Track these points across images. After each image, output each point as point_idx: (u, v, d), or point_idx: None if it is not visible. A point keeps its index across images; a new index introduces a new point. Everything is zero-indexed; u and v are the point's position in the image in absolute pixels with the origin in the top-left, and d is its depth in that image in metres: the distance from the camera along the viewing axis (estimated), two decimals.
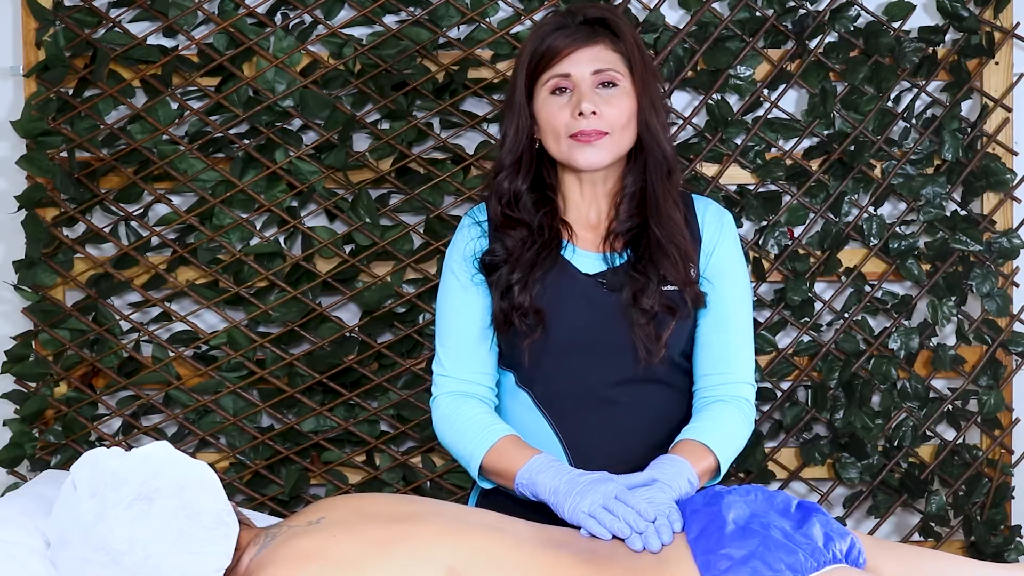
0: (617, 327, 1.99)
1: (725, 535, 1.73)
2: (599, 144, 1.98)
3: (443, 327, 2.10)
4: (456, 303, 2.09)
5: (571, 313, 2.01)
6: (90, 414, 2.84)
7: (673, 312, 1.99)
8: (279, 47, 2.79)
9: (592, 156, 1.99)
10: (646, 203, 2.03)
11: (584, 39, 1.99)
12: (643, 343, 1.98)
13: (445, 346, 2.09)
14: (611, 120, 1.98)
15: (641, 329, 1.98)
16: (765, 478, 2.84)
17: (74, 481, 1.76)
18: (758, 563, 1.68)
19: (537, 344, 2.00)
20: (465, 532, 1.75)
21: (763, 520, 1.75)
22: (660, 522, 1.78)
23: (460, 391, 2.07)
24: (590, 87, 1.98)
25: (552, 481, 1.89)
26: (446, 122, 2.82)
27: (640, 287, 1.99)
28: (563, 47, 1.99)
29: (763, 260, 2.83)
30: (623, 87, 2.00)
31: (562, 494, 1.87)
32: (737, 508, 1.78)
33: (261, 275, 2.81)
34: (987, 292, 2.81)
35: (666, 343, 1.99)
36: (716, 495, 1.82)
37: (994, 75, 2.83)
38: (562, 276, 2.03)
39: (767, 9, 2.80)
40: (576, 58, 1.99)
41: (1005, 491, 2.85)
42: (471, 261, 2.08)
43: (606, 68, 1.99)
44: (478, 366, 2.08)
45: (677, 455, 1.95)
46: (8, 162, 2.86)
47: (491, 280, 2.05)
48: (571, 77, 1.99)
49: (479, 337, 2.07)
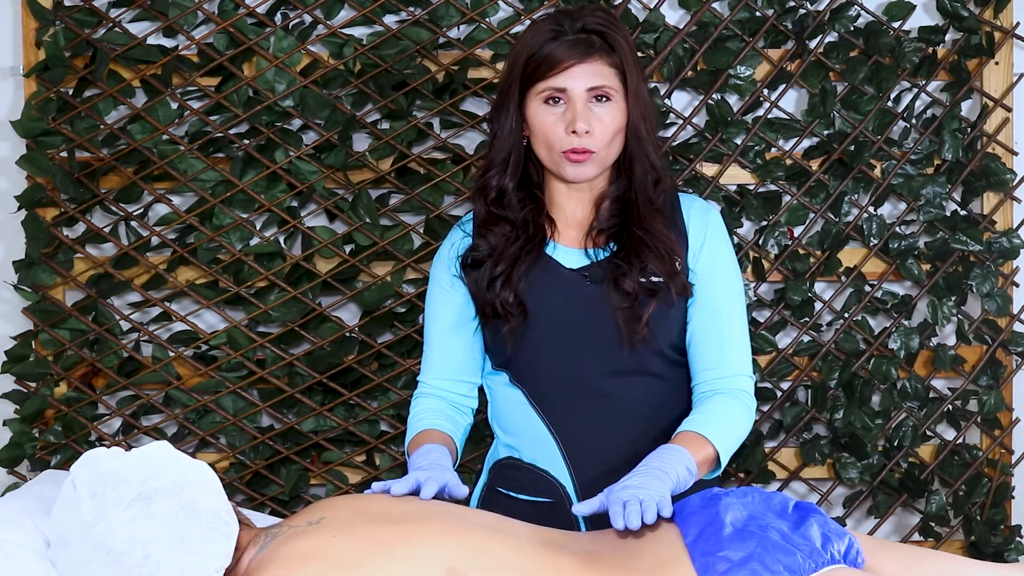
0: (601, 317, 2.00)
1: (723, 537, 1.74)
2: (588, 162, 2.01)
3: (424, 334, 2.17)
4: (434, 310, 2.14)
5: (555, 306, 2.02)
6: (90, 414, 2.84)
7: (654, 294, 2.00)
8: (279, 47, 2.79)
9: (580, 172, 2.02)
10: (629, 207, 2.04)
11: (581, 54, 1.99)
12: (624, 325, 1.99)
13: (426, 353, 2.16)
14: (600, 138, 2.00)
15: (622, 312, 1.99)
16: (765, 478, 2.84)
17: (74, 481, 1.76)
18: (756, 565, 1.68)
19: (522, 337, 2.02)
20: (465, 532, 1.75)
21: (761, 522, 1.75)
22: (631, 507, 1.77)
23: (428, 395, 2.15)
24: (584, 103, 1.99)
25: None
26: (446, 122, 2.82)
27: (621, 272, 2.01)
28: (560, 60, 1.99)
29: (763, 260, 2.83)
30: (615, 101, 2.01)
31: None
32: (735, 510, 1.78)
33: (261, 275, 2.81)
34: (987, 292, 2.81)
35: (648, 324, 1.99)
36: (714, 497, 1.82)
37: (994, 75, 2.83)
38: (545, 271, 2.04)
39: (767, 9, 2.80)
40: (573, 73, 1.99)
41: (1005, 491, 2.85)
42: (454, 263, 2.10)
43: (601, 84, 2.00)
44: (453, 372, 2.13)
45: (676, 444, 1.95)
46: (8, 162, 2.86)
47: (474, 276, 2.06)
48: (567, 92, 2.00)
49: (457, 343, 2.12)
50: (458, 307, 2.11)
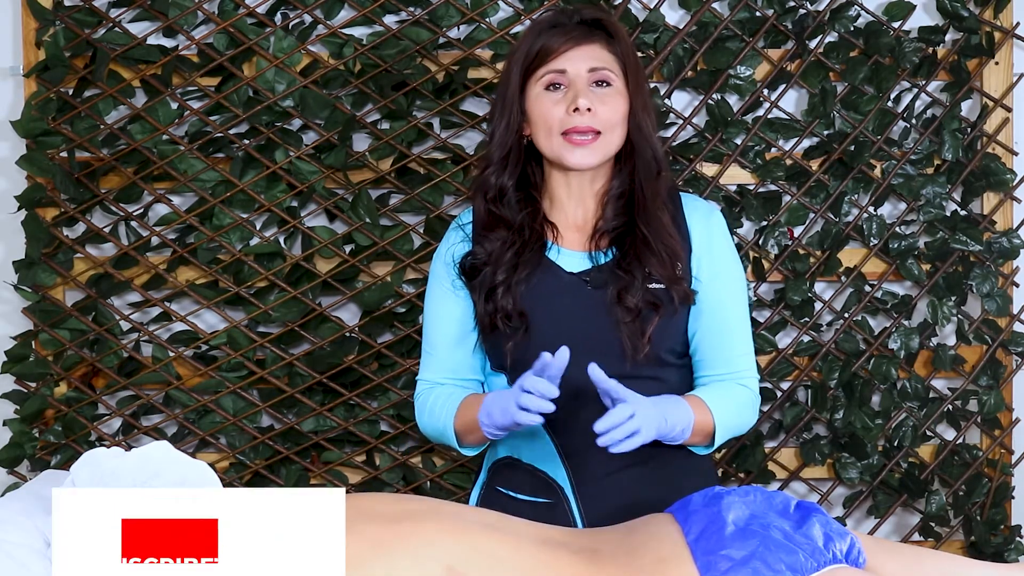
0: (602, 324, 2.00)
1: (725, 536, 1.73)
2: (591, 146, 2.00)
3: (426, 332, 2.14)
4: (437, 308, 2.12)
5: (556, 312, 2.02)
6: (90, 414, 2.84)
7: (657, 308, 2.00)
8: (279, 47, 2.79)
9: (582, 157, 2.00)
10: (634, 203, 2.04)
11: (580, 37, 2.01)
12: (628, 340, 1.99)
13: (427, 352, 2.13)
14: (604, 119, 2.00)
15: (626, 327, 1.99)
16: (765, 478, 2.84)
17: (74, 481, 1.75)
18: (758, 564, 1.68)
19: (522, 345, 2.01)
20: (464, 531, 1.75)
21: (763, 521, 1.75)
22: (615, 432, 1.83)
23: (437, 384, 2.12)
24: (585, 84, 1.99)
25: (501, 397, 1.94)
26: (446, 122, 2.82)
27: (624, 285, 2.00)
28: (559, 44, 2.00)
29: (763, 260, 2.83)
30: (617, 87, 2.01)
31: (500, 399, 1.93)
32: (736, 509, 1.78)
33: (261, 275, 2.81)
34: (987, 292, 2.81)
35: (651, 339, 2.00)
36: (715, 496, 1.82)
37: (994, 75, 2.83)
38: (546, 276, 2.04)
39: (767, 9, 2.80)
40: (572, 55, 2.00)
41: (1005, 491, 2.85)
42: (452, 266, 2.09)
43: (601, 67, 2.00)
44: (458, 370, 2.11)
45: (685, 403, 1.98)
46: (8, 162, 2.86)
47: (473, 284, 2.06)
48: (567, 74, 2.00)
49: (461, 341, 2.10)
50: (460, 310, 2.09)
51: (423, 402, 2.12)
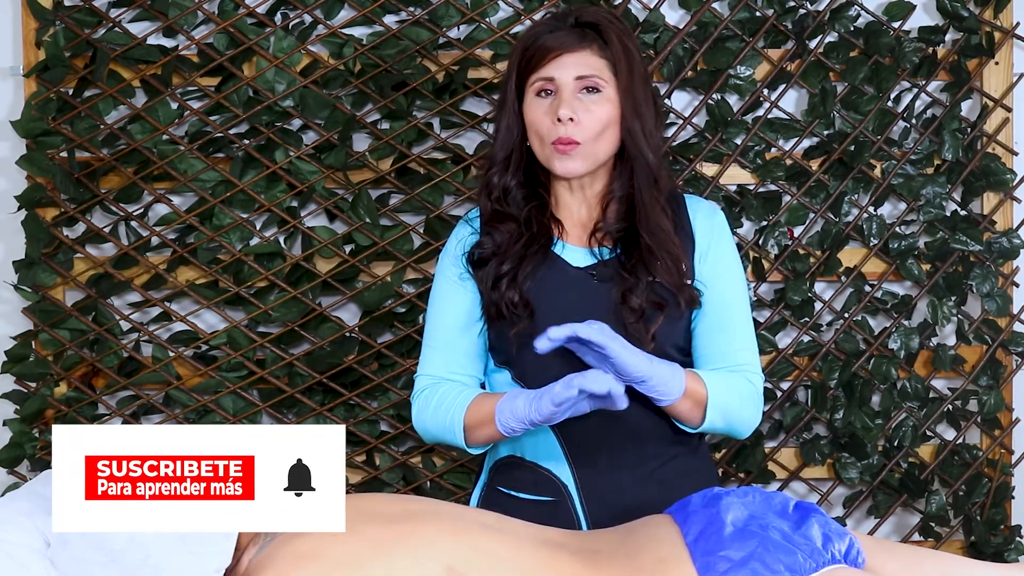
0: (607, 319, 2.00)
1: (724, 537, 1.74)
2: (574, 156, 2.00)
3: (428, 326, 2.13)
4: (442, 299, 2.11)
5: (562, 305, 2.02)
6: (90, 414, 2.84)
7: (662, 308, 2.00)
8: (279, 47, 2.79)
9: (568, 165, 2.01)
10: (634, 208, 2.04)
11: (572, 43, 2.00)
12: (632, 338, 1.99)
13: (429, 345, 2.12)
14: (587, 128, 1.99)
15: (631, 327, 1.99)
16: (765, 478, 2.84)
17: None
18: (757, 564, 1.68)
19: (528, 336, 2.01)
20: (464, 531, 1.75)
21: (761, 521, 1.76)
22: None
23: (442, 380, 2.09)
24: (572, 92, 1.99)
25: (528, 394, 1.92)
26: (446, 122, 2.82)
27: (629, 286, 2.00)
28: (550, 50, 2.00)
29: (763, 260, 2.83)
30: (606, 93, 2.01)
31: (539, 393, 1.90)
32: (735, 510, 1.78)
33: (261, 275, 2.81)
34: (987, 292, 2.81)
35: (655, 336, 2.00)
36: (714, 496, 1.82)
37: (994, 75, 2.83)
38: (552, 270, 2.04)
39: (767, 9, 2.80)
40: (562, 62, 2.00)
41: (1005, 491, 2.85)
42: (460, 259, 2.09)
43: (589, 74, 2.00)
44: (460, 361, 2.09)
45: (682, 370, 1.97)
46: (8, 162, 2.86)
47: (480, 274, 2.06)
48: (555, 81, 2.00)
49: (465, 331, 2.09)
50: (467, 301, 2.09)
51: (426, 397, 2.09)
